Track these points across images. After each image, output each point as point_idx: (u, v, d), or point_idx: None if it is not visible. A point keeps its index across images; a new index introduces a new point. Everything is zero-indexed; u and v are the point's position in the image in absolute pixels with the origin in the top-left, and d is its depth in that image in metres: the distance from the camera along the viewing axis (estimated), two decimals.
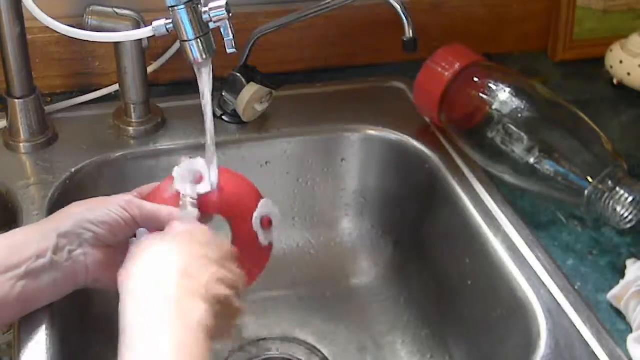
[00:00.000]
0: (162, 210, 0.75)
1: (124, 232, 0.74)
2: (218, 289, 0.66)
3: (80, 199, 0.76)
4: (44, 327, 0.74)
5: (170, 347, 0.60)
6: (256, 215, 0.77)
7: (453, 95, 0.98)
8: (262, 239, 0.78)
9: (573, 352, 0.75)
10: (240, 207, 0.78)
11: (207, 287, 0.65)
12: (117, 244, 0.74)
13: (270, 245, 0.79)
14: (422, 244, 1.02)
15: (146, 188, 0.80)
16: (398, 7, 0.92)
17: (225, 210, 0.78)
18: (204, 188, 0.77)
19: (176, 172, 0.78)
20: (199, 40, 0.76)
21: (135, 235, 0.75)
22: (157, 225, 0.74)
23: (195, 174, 0.78)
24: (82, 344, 0.91)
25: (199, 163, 0.78)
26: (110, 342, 0.96)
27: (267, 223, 0.78)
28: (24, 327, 0.74)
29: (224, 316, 0.67)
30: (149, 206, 0.76)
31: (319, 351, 0.98)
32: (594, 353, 0.75)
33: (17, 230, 0.76)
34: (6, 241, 0.72)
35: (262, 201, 0.78)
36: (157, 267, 0.67)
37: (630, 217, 0.84)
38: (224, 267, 0.69)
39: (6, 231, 0.74)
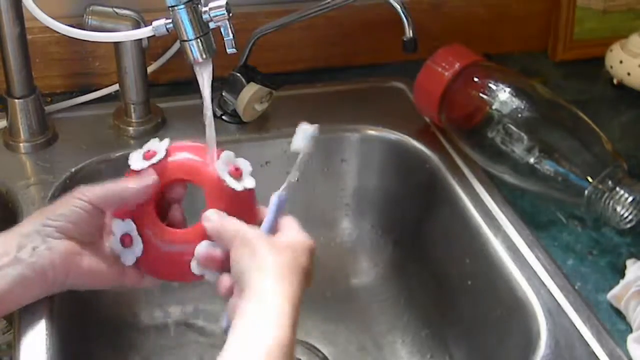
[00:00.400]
0: (116, 187, 0.74)
1: (85, 220, 0.73)
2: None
3: None
4: (43, 327, 0.74)
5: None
6: (218, 166, 0.75)
7: (453, 95, 0.98)
8: (237, 185, 0.75)
9: (573, 352, 0.75)
10: (198, 165, 0.76)
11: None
12: (82, 236, 0.73)
13: (250, 190, 0.77)
14: (422, 244, 1.02)
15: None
16: (398, 7, 0.92)
17: (184, 172, 0.76)
18: (154, 159, 0.76)
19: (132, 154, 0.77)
20: (199, 40, 0.76)
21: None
22: (119, 203, 0.74)
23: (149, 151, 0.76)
24: (82, 344, 0.91)
25: (153, 142, 0.77)
26: (109, 343, 0.96)
27: (235, 172, 0.75)
28: (24, 327, 0.74)
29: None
30: (98, 188, 0.75)
31: (319, 351, 0.98)
32: (594, 353, 0.75)
33: None
34: None
35: (223, 153, 0.76)
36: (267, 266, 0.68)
37: (630, 217, 0.84)
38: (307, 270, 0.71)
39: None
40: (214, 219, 0.72)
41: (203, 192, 0.75)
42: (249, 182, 0.76)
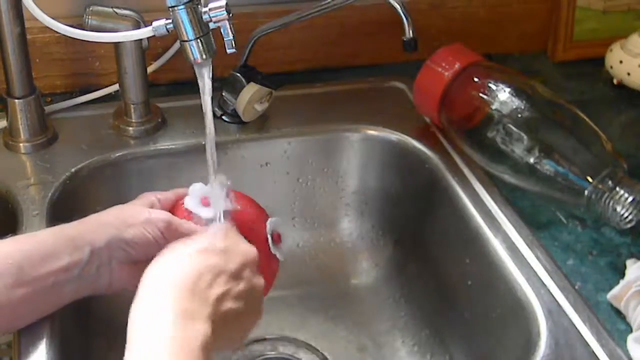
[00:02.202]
0: (192, 229, 0.74)
1: (155, 250, 0.72)
2: (227, 305, 0.65)
3: (80, 199, 0.76)
4: (44, 327, 0.74)
5: None
6: (268, 232, 0.78)
7: (453, 95, 0.98)
8: (277, 254, 0.78)
9: (573, 352, 0.75)
10: (252, 229, 0.77)
11: (214, 304, 0.64)
12: (142, 257, 0.73)
13: (277, 260, 0.79)
14: (422, 244, 1.02)
15: (170, 194, 0.79)
16: (398, 7, 0.92)
17: (243, 228, 0.77)
18: (216, 213, 0.76)
19: (189, 197, 0.77)
20: (199, 40, 0.76)
21: None
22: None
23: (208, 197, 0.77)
24: (83, 344, 0.91)
25: (208, 187, 0.78)
26: (110, 343, 0.96)
27: (277, 238, 0.78)
28: (24, 327, 0.74)
29: (233, 329, 0.66)
30: (185, 227, 0.74)
31: (319, 351, 0.98)
32: (594, 353, 0.75)
33: (47, 232, 0.74)
34: (37, 244, 0.71)
35: (270, 219, 0.79)
36: (167, 278, 0.65)
37: (630, 217, 0.84)
38: (240, 278, 0.68)
39: (6, 233, 0.74)
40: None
41: None
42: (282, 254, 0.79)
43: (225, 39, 0.77)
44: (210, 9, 0.76)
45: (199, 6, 0.76)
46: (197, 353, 0.60)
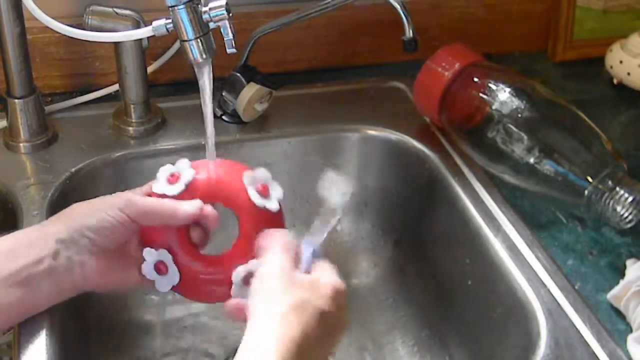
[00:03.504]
0: (165, 204, 0.73)
1: (122, 235, 0.73)
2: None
3: (80, 199, 0.76)
4: (43, 327, 0.74)
5: None
6: (248, 186, 0.74)
7: (453, 95, 0.98)
8: (268, 205, 0.74)
9: (573, 352, 0.75)
10: (230, 186, 0.75)
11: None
12: (113, 245, 0.73)
13: (279, 210, 0.76)
14: (422, 244, 1.02)
15: (145, 187, 0.78)
16: (398, 7, 0.92)
17: (216, 195, 0.75)
18: (178, 187, 0.74)
19: (159, 173, 0.76)
20: (199, 40, 0.76)
21: None
22: (159, 221, 0.73)
23: (174, 173, 0.75)
24: (82, 344, 0.91)
25: (181, 163, 0.76)
26: (109, 343, 0.96)
27: (264, 190, 0.75)
28: (23, 327, 0.74)
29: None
30: (149, 202, 0.73)
31: None
32: (594, 353, 0.75)
33: (17, 233, 0.75)
34: (5, 245, 0.71)
35: (246, 173, 0.75)
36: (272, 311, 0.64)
37: (630, 217, 0.84)
38: (334, 343, 0.68)
39: (6, 233, 0.74)
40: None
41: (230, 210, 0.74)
42: (274, 204, 0.75)
43: (225, 39, 0.78)
44: (210, 9, 0.76)
45: (199, 6, 0.76)
46: None
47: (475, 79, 0.97)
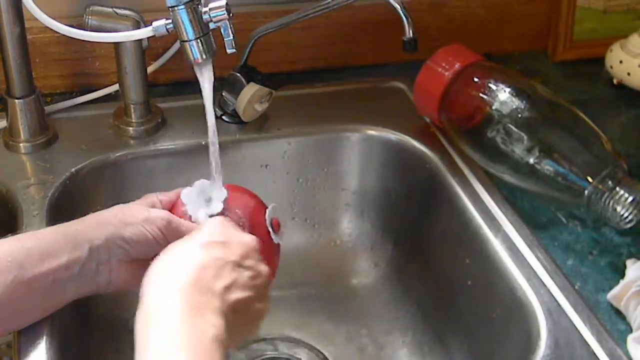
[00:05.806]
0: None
1: (156, 250, 0.71)
2: (235, 295, 0.65)
3: (80, 199, 0.76)
4: (44, 327, 0.74)
5: None
6: (267, 221, 0.79)
7: (453, 95, 0.98)
8: (277, 240, 0.79)
9: (573, 352, 0.75)
10: (251, 218, 0.78)
11: (222, 296, 0.64)
12: (141, 256, 0.73)
13: (279, 245, 0.80)
14: (422, 244, 1.02)
15: (173, 194, 0.79)
16: (398, 7, 0.92)
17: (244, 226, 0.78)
18: (215, 209, 0.77)
19: (185, 196, 0.78)
20: (199, 40, 0.76)
21: None
22: None
23: (204, 195, 0.78)
24: (82, 344, 0.91)
25: (204, 185, 0.79)
26: (109, 343, 0.96)
27: (276, 225, 0.79)
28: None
29: (245, 319, 0.66)
30: (185, 227, 0.74)
31: (319, 351, 0.98)
32: (594, 353, 0.75)
33: (47, 230, 0.75)
34: (37, 242, 0.71)
35: (268, 208, 0.80)
36: (171, 275, 0.64)
37: (630, 217, 0.84)
38: (243, 267, 0.67)
39: (6, 233, 0.74)
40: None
41: None
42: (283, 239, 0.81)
43: (225, 39, 0.78)
44: (210, 9, 0.76)
45: (199, 6, 0.76)
46: (211, 346, 0.59)
47: (475, 79, 0.97)
